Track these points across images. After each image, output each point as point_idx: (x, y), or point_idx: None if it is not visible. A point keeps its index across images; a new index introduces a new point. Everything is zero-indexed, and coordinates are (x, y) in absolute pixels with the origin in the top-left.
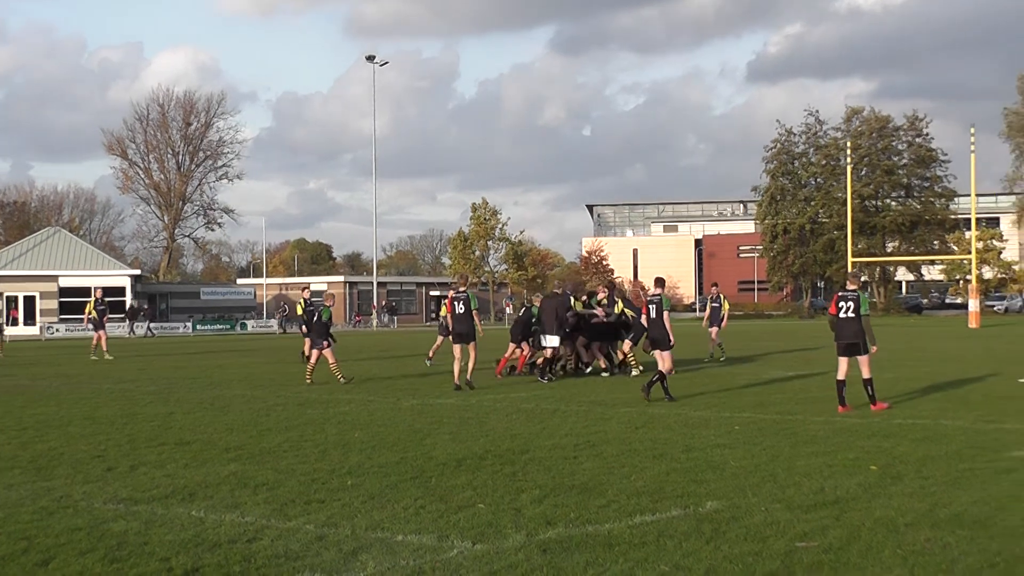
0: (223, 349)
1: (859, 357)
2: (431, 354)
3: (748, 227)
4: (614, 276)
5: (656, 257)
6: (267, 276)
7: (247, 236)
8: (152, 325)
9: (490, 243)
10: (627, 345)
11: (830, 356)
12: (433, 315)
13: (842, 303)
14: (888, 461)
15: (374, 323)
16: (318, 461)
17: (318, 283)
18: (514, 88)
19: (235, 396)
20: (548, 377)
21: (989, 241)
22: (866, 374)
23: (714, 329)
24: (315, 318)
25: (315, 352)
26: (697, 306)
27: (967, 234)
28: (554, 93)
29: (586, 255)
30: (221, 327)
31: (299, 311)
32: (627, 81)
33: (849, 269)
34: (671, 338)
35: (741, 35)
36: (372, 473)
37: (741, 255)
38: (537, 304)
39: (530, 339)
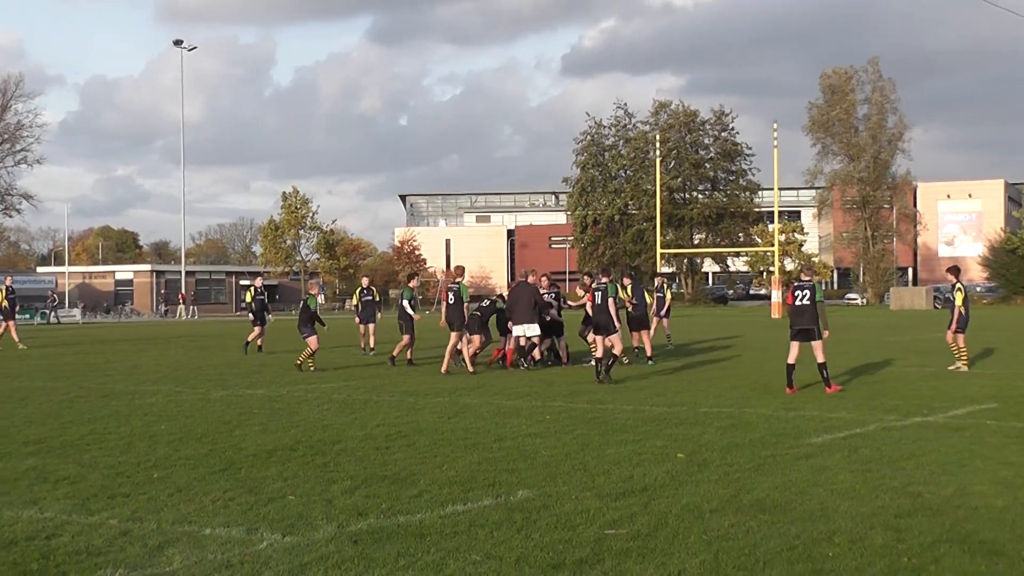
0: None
1: (813, 343)
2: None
3: (560, 218)
4: (427, 266)
5: (469, 247)
6: (69, 264)
7: (49, 223)
8: None
9: (301, 232)
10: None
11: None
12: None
13: (799, 291)
14: (695, 449)
15: (181, 313)
16: (123, 454)
17: (124, 271)
18: (331, 77)
19: (35, 388)
20: (525, 365)
21: (791, 234)
22: (820, 358)
23: (665, 321)
24: (301, 307)
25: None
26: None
27: (770, 227)
28: (371, 83)
29: (398, 245)
30: (20, 317)
31: (248, 298)
32: (444, 72)
33: (658, 260)
34: (616, 324)
35: (557, 28)
36: (179, 465)
37: (553, 245)
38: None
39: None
